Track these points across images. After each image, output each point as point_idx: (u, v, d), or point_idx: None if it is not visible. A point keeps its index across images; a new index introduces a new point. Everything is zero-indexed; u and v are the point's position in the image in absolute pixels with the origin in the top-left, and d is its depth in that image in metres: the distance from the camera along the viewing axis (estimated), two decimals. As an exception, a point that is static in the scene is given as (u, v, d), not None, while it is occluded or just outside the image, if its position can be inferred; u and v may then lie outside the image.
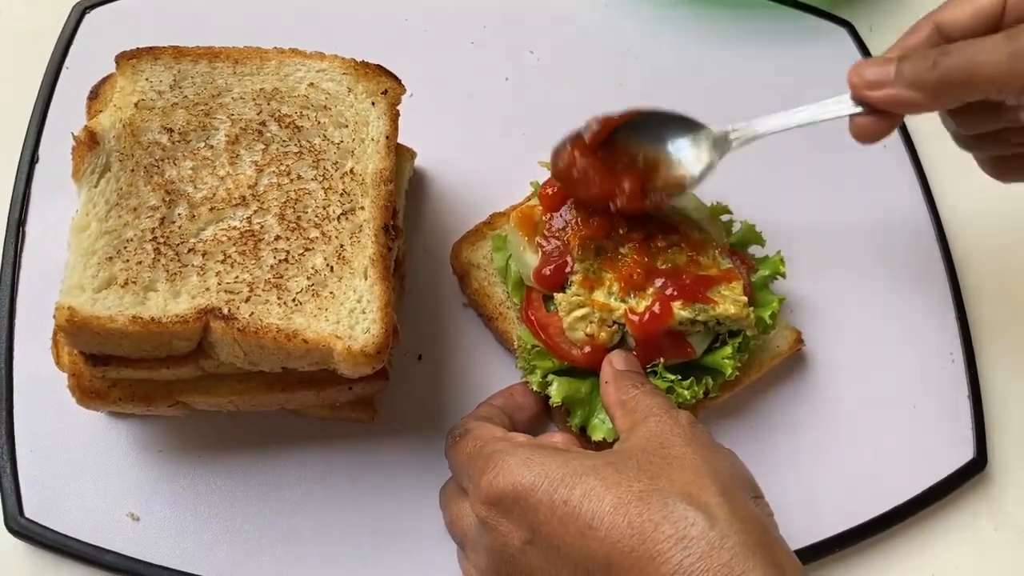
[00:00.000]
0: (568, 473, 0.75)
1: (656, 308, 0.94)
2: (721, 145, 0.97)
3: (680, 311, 0.95)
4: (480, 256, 1.08)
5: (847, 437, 1.07)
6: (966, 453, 1.07)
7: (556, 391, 0.96)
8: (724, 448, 0.83)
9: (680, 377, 0.97)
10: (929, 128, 1.28)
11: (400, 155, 1.04)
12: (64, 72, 1.17)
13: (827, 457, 1.06)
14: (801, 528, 1.00)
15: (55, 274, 0.86)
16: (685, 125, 0.97)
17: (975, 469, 1.07)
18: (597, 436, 0.96)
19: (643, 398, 0.85)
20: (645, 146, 0.98)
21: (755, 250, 1.09)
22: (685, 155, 0.97)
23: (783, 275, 1.05)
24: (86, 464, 0.97)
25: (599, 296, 0.97)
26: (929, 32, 0.89)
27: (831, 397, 1.09)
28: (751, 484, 0.80)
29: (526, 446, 0.80)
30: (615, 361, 0.93)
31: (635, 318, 0.95)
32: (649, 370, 0.96)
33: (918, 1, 1.39)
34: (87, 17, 1.22)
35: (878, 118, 0.90)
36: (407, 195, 1.10)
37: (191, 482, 0.97)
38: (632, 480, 0.73)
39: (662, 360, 0.96)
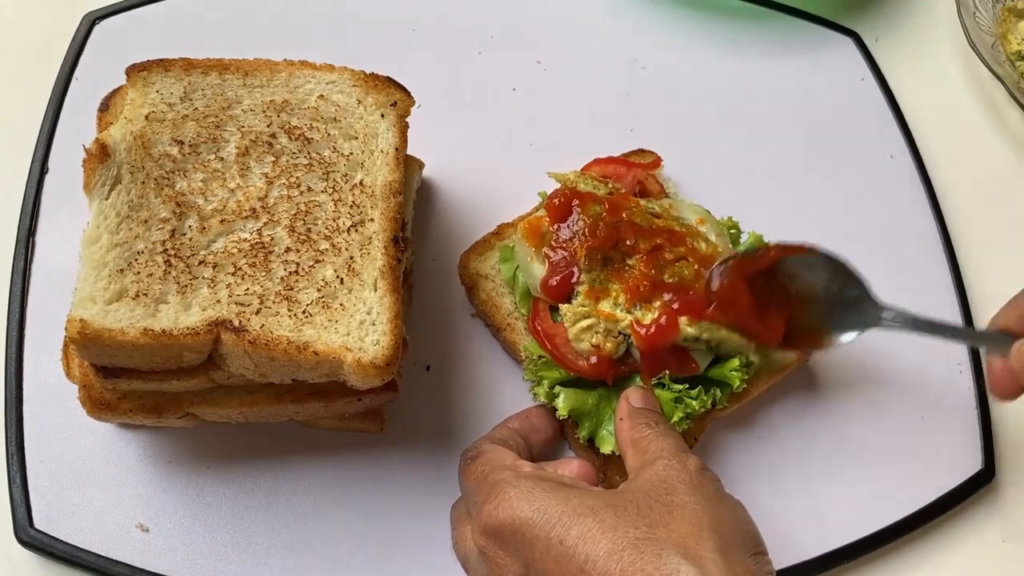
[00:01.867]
0: (567, 512, 0.74)
1: (663, 321, 0.94)
2: (872, 319, 0.94)
3: (687, 327, 0.95)
4: (488, 267, 1.09)
5: (855, 448, 1.07)
6: (974, 464, 1.07)
7: (563, 403, 0.96)
8: (731, 499, 0.81)
9: (688, 387, 0.97)
10: (935, 137, 1.29)
11: (408, 165, 1.05)
12: (74, 83, 1.18)
13: (835, 468, 1.05)
14: (809, 540, 1.00)
15: (65, 285, 0.87)
16: (850, 281, 0.94)
17: (983, 480, 1.06)
18: (606, 448, 0.96)
19: (655, 439, 0.84)
20: (805, 286, 0.95)
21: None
22: (840, 318, 0.95)
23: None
24: (96, 475, 0.97)
25: (605, 307, 0.97)
26: None
27: (838, 408, 1.09)
28: (754, 539, 0.79)
29: (530, 478, 0.79)
30: (632, 398, 0.91)
31: (641, 330, 0.95)
32: (655, 382, 0.96)
33: (924, 12, 1.42)
34: (97, 27, 1.22)
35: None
36: (415, 205, 1.10)
37: (200, 493, 0.97)
38: (630, 526, 0.72)
39: (667, 372, 0.96)
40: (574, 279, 0.98)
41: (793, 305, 0.95)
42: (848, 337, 0.94)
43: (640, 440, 0.85)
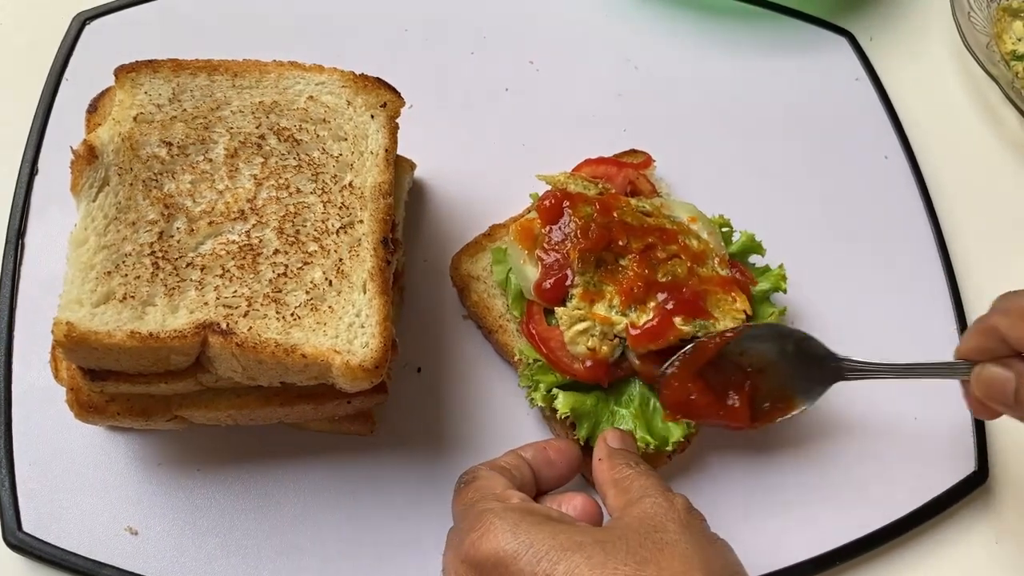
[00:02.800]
0: (555, 547, 0.73)
1: (656, 323, 0.94)
2: (834, 373, 0.95)
3: (681, 326, 0.95)
4: (480, 268, 1.08)
5: (848, 449, 1.06)
6: (967, 466, 1.07)
7: (562, 403, 0.95)
8: (719, 540, 0.79)
9: None
10: (930, 137, 1.29)
11: (399, 166, 1.04)
12: (64, 83, 1.18)
13: (828, 469, 1.05)
14: (802, 542, 1.00)
15: (54, 286, 0.86)
16: (802, 341, 0.95)
17: (976, 482, 1.06)
18: None
19: (638, 478, 0.83)
20: (758, 359, 0.95)
21: (755, 259, 1.09)
22: (802, 381, 0.95)
23: (784, 290, 1.04)
24: (85, 478, 0.97)
25: (600, 309, 0.97)
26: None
27: (832, 409, 1.08)
28: None
29: (517, 510, 0.78)
30: (609, 438, 0.90)
31: (636, 332, 0.95)
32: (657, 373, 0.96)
33: (919, 12, 1.41)
34: (88, 28, 1.22)
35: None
36: (407, 206, 1.10)
37: (190, 496, 0.97)
38: (619, 563, 0.71)
39: None
40: (568, 282, 0.98)
41: (752, 380, 0.95)
42: (813, 398, 0.95)
43: (622, 480, 0.83)
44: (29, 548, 0.93)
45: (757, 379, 0.95)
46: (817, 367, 0.95)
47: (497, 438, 1.03)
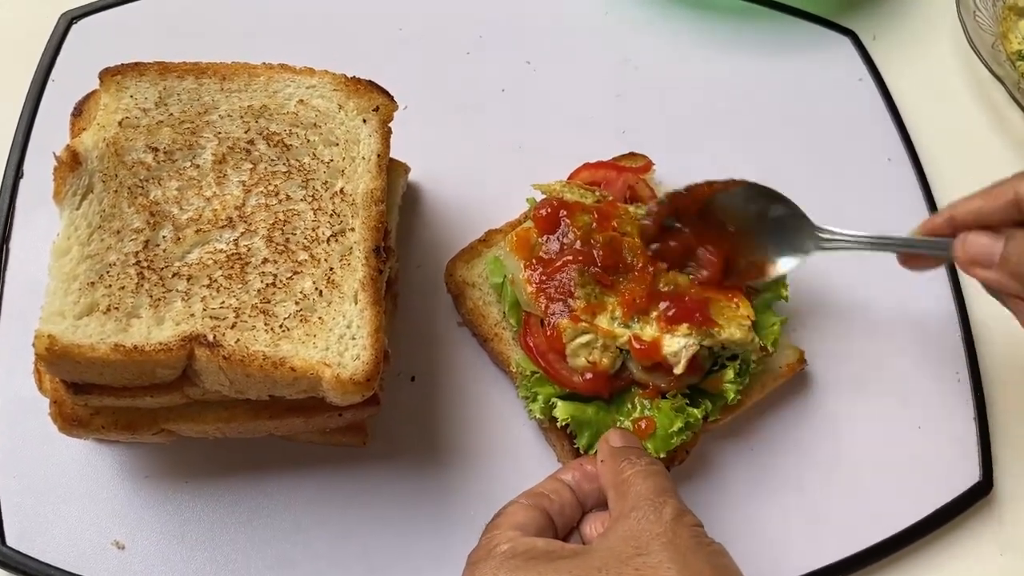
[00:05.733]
0: None
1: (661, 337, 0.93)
2: (811, 243, 0.98)
3: (686, 336, 0.93)
4: (475, 275, 1.06)
5: (851, 459, 1.05)
6: (972, 475, 1.05)
7: (561, 411, 0.93)
8: (709, 546, 0.76)
9: (687, 399, 0.95)
10: (934, 139, 1.27)
11: (393, 170, 1.02)
12: (50, 84, 1.15)
13: (830, 479, 1.03)
14: (804, 553, 0.98)
15: (39, 293, 0.84)
16: (787, 210, 0.99)
17: (981, 492, 1.04)
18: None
19: (635, 481, 0.80)
20: (739, 218, 0.99)
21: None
22: (778, 247, 0.99)
23: (785, 299, 1.02)
24: (70, 490, 0.95)
25: (602, 322, 0.95)
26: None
27: (834, 418, 1.07)
28: None
29: (498, 556, 0.76)
30: (611, 438, 0.87)
31: (641, 346, 0.93)
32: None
33: (923, 11, 1.39)
34: (74, 27, 1.19)
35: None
36: (400, 211, 1.07)
37: (178, 509, 0.95)
38: None
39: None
40: (567, 294, 0.95)
41: (733, 241, 0.98)
42: (789, 263, 0.98)
43: (621, 484, 0.81)
44: (13, 563, 0.91)
45: (739, 243, 0.99)
46: (796, 238, 0.98)
47: (493, 448, 1.01)
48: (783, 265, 0.98)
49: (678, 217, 0.98)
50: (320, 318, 0.85)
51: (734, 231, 0.98)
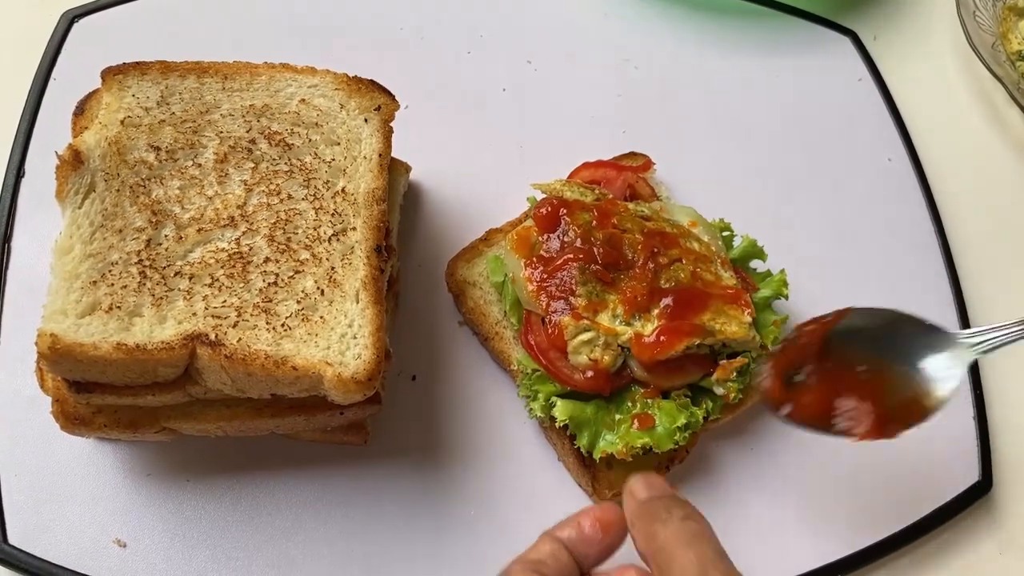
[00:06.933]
0: None
1: (663, 338, 0.93)
2: (962, 354, 0.83)
3: (690, 337, 0.93)
4: (476, 274, 1.06)
5: (849, 459, 1.04)
6: (971, 475, 1.05)
7: (560, 411, 0.93)
8: None
9: (689, 397, 0.96)
10: (934, 139, 1.27)
11: (394, 169, 1.02)
12: (52, 83, 1.15)
13: (829, 480, 1.03)
14: (803, 553, 0.98)
15: (41, 291, 0.84)
16: (911, 327, 0.84)
17: (980, 492, 1.04)
18: (597, 454, 0.93)
19: (675, 553, 0.70)
20: (867, 354, 0.83)
21: (756, 264, 1.07)
22: (931, 371, 0.82)
23: (785, 296, 1.03)
24: (72, 489, 0.95)
25: (604, 319, 0.95)
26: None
27: (834, 418, 1.07)
28: None
29: None
30: (636, 491, 0.76)
31: (643, 343, 0.93)
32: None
33: (923, 11, 1.39)
34: (76, 26, 1.20)
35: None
36: (401, 210, 1.08)
37: (179, 507, 0.95)
38: None
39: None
40: (568, 292, 0.95)
41: (872, 382, 0.83)
42: (951, 386, 0.83)
43: (658, 553, 0.71)
44: (15, 561, 0.91)
45: (877, 384, 0.83)
46: (939, 352, 0.83)
47: (493, 447, 1.01)
48: (946, 390, 0.83)
49: (798, 369, 0.85)
50: (322, 317, 0.85)
51: (866, 370, 0.83)
